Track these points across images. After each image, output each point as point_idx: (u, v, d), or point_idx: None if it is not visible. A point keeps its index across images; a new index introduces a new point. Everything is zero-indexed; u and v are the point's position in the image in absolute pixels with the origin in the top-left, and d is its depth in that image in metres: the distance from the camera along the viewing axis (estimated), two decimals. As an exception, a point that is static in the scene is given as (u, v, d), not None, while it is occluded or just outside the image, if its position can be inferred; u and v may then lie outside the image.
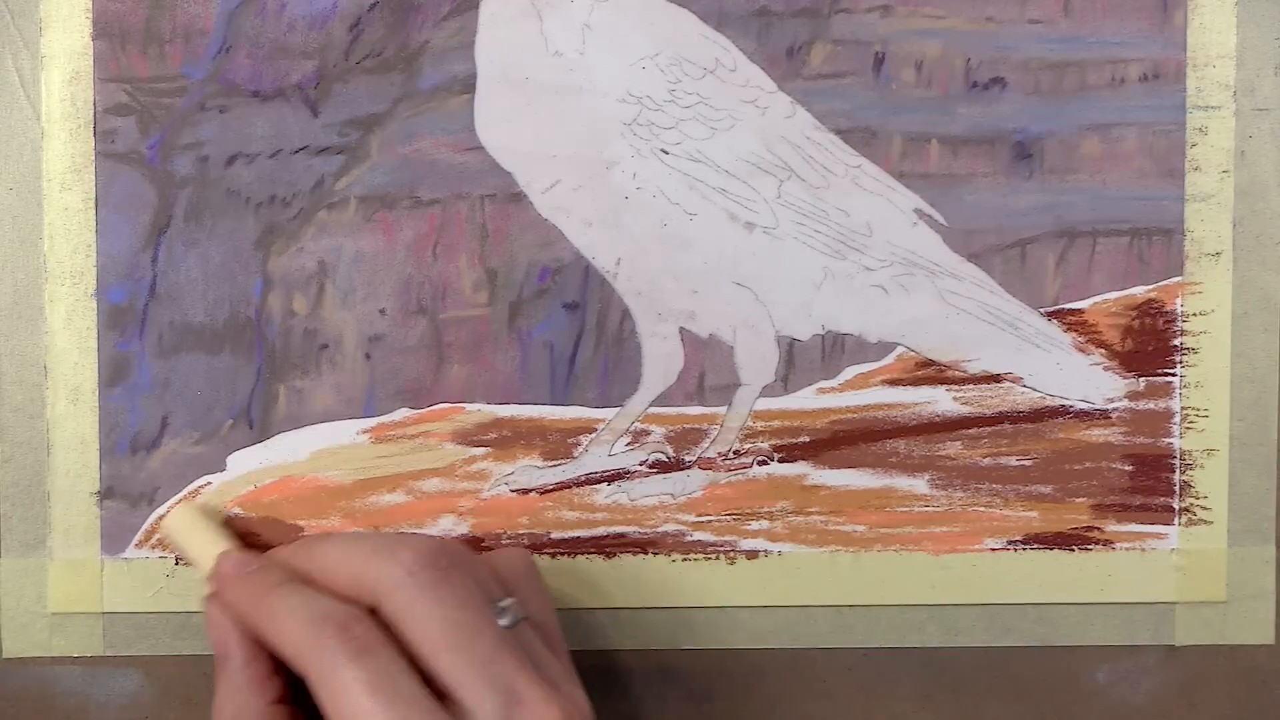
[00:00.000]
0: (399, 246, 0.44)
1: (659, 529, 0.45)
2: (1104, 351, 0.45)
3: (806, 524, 0.45)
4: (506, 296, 0.44)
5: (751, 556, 0.45)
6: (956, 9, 0.44)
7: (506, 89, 0.44)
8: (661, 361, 0.45)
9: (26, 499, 0.44)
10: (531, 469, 0.45)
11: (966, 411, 0.45)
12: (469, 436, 0.45)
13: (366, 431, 0.44)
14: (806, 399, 0.45)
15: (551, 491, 0.45)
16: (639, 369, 0.45)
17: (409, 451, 0.44)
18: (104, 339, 0.44)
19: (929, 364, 0.45)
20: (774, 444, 0.45)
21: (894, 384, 0.45)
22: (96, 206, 0.44)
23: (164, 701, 0.44)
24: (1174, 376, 0.45)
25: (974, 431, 0.45)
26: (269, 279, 0.44)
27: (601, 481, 0.45)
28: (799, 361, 0.45)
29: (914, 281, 0.45)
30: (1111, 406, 0.45)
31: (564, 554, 0.45)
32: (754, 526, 0.45)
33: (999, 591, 0.45)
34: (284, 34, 0.44)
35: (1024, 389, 0.45)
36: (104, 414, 0.44)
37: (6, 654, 0.44)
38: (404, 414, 0.44)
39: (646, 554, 0.45)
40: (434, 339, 0.44)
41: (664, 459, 0.45)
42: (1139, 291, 0.45)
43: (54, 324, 0.44)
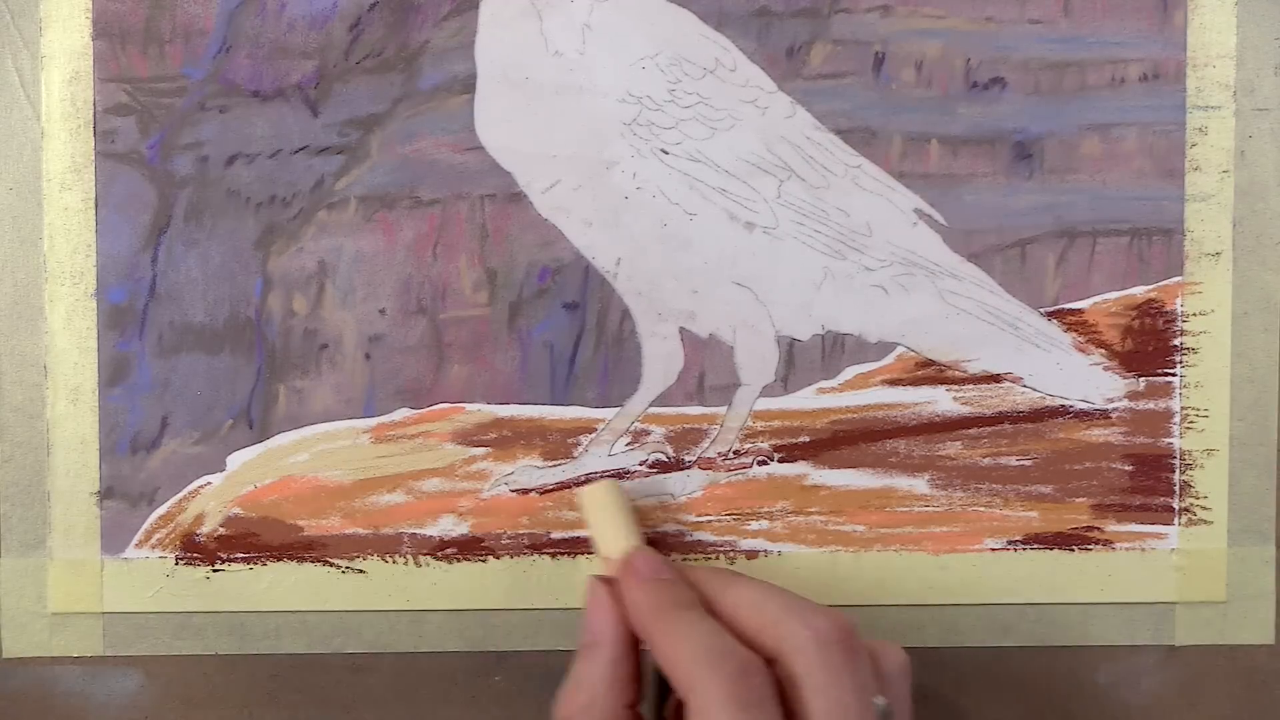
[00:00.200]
0: (399, 246, 0.44)
1: (659, 529, 0.45)
2: (1104, 351, 0.45)
3: (806, 524, 0.45)
4: (506, 296, 0.44)
5: (751, 556, 0.45)
6: (956, 9, 0.44)
7: (506, 89, 0.44)
8: (661, 361, 0.45)
9: (26, 499, 0.44)
10: (531, 469, 0.45)
11: (966, 411, 0.45)
12: (469, 436, 0.44)
13: (366, 431, 0.44)
14: (806, 399, 0.45)
15: (551, 491, 0.45)
16: (639, 369, 0.45)
17: (409, 451, 0.44)
18: (104, 339, 0.44)
19: (929, 364, 0.45)
20: (774, 444, 0.45)
21: (894, 384, 0.45)
22: (96, 206, 0.44)
23: (164, 701, 0.44)
24: (1174, 376, 0.45)
25: (974, 431, 0.45)
26: (269, 279, 0.44)
27: (601, 481, 0.45)
28: (799, 361, 0.45)
29: (914, 281, 0.45)
30: (1111, 406, 0.45)
31: (564, 554, 0.45)
32: (754, 526, 0.45)
33: (999, 591, 0.45)
34: (284, 34, 0.44)
35: (1024, 389, 0.45)
36: (104, 414, 0.44)
37: (6, 654, 0.44)
38: (404, 414, 0.44)
39: (646, 554, 0.45)
40: (434, 339, 0.44)
41: (664, 459, 0.45)
42: (1139, 291, 0.45)
43: (54, 324, 0.44)
